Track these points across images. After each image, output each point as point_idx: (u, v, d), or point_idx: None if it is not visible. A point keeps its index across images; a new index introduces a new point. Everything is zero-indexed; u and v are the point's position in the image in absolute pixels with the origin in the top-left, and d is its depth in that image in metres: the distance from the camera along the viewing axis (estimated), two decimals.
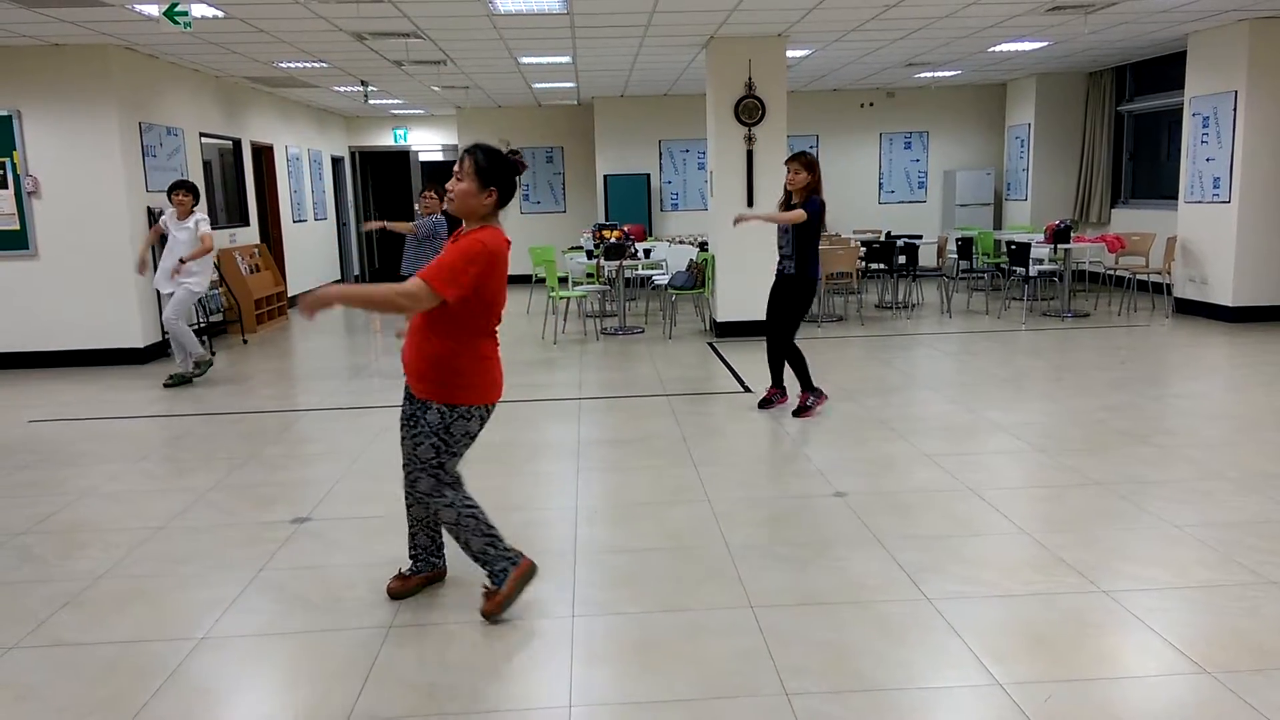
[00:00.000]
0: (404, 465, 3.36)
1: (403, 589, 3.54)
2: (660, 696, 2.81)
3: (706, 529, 4.17)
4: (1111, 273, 11.51)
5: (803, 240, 5.88)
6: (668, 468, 5.11)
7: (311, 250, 13.81)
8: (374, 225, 8.21)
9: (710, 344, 9.07)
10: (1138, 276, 10.71)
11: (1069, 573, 3.59)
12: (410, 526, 3.56)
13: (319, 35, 8.11)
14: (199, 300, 9.27)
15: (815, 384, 6.21)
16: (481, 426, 3.30)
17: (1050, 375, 7.17)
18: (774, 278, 6.14)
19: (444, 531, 3.55)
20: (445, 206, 3.24)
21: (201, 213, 7.56)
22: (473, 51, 9.27)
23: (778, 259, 6.09)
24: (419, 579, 3.58)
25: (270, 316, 11.12)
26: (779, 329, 6.12)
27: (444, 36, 8.42)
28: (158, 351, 8.98)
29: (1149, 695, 2.76)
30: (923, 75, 12.38)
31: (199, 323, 9.59)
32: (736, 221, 6.13)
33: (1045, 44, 10.01)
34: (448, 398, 3.20)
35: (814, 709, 2.71)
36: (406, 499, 3.49)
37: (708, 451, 5.40)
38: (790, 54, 9.83)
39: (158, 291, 7.97)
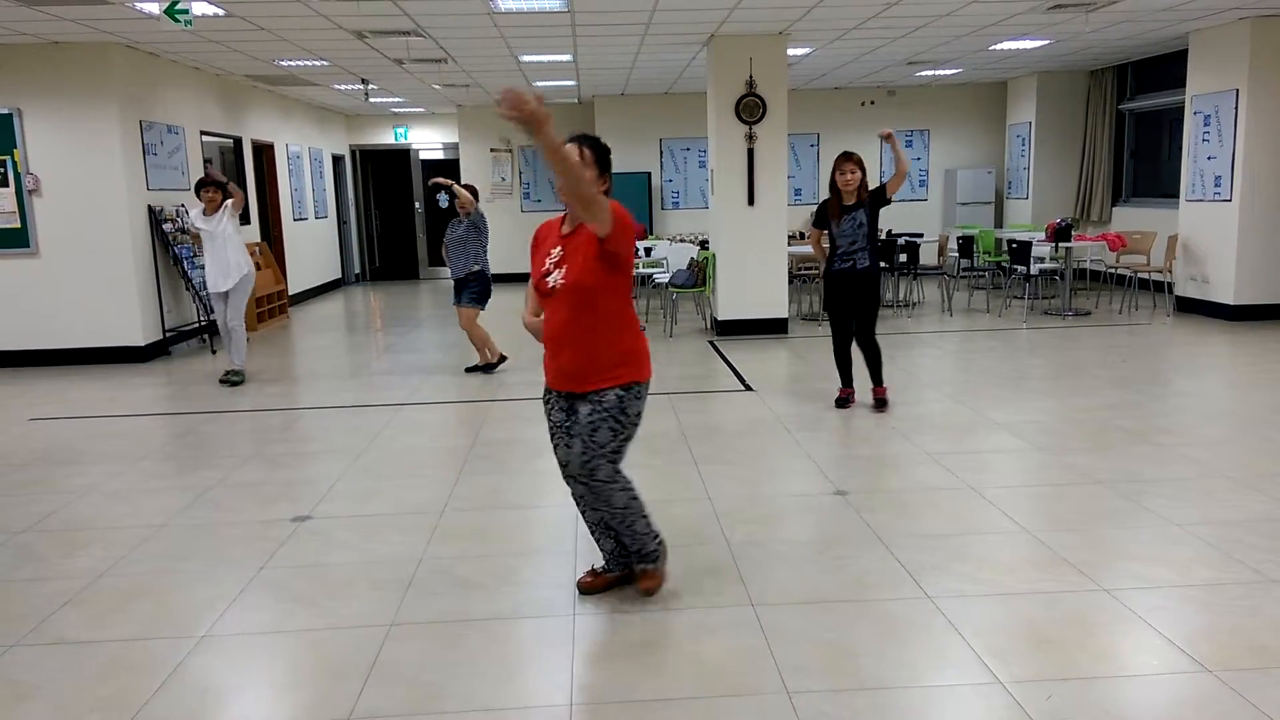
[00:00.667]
0: (573, 463, 3.26)
1: (593, 585, 3.51)
2: (661, 695, 2.81)
3: (707, 527, 4.17)
4: (1113, 271, 11.51)
5: (873, 233, 5.97)
6: (669, 466, 5.11)
7: (312, 248, 13.82)
8: (442, 181, 7.62)
9: (711, 342, 9.07)
10: (1139, 275, 10.70)
11: (1070, 571, 3.59)
12: (592, 531, 3.52)
13: (320, 33, 8.11)
14: (201, 299, 9.30)
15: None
16: (645, 405, 3.35)
17: (1051, 374, 7.17)
18: (836, 275, 6.05)
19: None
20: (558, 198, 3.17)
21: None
22: (473, 50, 9.26)
23: (838, 255, 6.00)
24: (610, 577, 3.54)
25: (271, 315, 11.12)
26: (870, 324, 6.15)
27: (445, 35, 8.42)
28: (159, 350, 8.98)
29: (1150, 694, 2.76)
30: (924, 73, 12.37)
31: (200, 320, 9.59)
32: (885, 136, 5.94)
33: (1046, 42, 10.00)
34: (622, 378, 3.23)
35: (815, 708, 2.71)
36: (579, 504, 3.45)
37: (709, 450, 5.40)
38: (791, 52, 9.82)
39: (203, 293, 7.76)
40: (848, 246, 5.99)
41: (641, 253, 10.32)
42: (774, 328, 9.35)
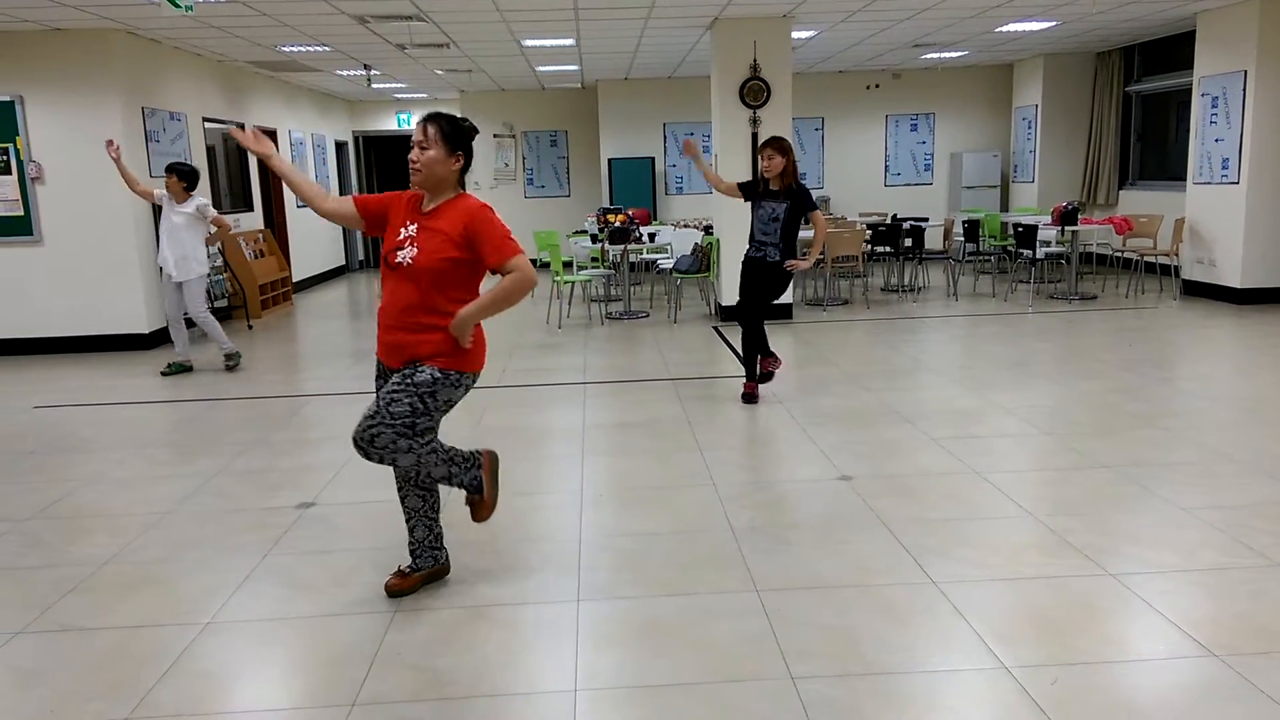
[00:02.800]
0: (363, 424, 3.13)
1: (401, 586, 3.42)
2: (665, 680, 2.81)
3: (711, 513, 4.17)
4: (1119, 255, 11.45)
5: (790, 230, 5.83)
6: (672, 452, 5.10)
7: (316, 235, 13.80)
8: None
9: (715, 328, 9.05)
10: (1145, 258, 10.65)
11: (1075, 556, 3.58)
12: (407, 520, 3.46)
13: (322, 18, 8.07)
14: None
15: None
16: (464, 395, 3.28)
17: (1057, 358, 7.14)
18: (746, 262, 5.98)
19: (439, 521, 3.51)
20: (413, 180, 3.18)
21: (201, 197, 7.44)
22: (476, 34, 9.21)
23: (753, 241, 5.93)
24: (419, 576, 3.46)
25: (275, 302, 11.11)
26: (760, 307, 6.01)
27: (447, 19, 8.37)
28: (162, 337, 8.97)
29: (1155, 678, 2.75)
30: (929, 56, 12.29)
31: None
32: (790, 267, 5.86)
33: (1053, 24, 9.92)
34: (446, 363, 3.16)
35: (819, 692, 2.71)
36: (400, 492, 3.43)
37: (713, 435, 5.39)
38: (796, 35, 9.75)
39: (159, 268, 7.58)
40: (760, 235, 5.88)
41: (645, 238, 10.29)
42: (778, 313, 9.31)
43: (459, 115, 3.23)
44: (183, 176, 7.24)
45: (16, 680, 2.93)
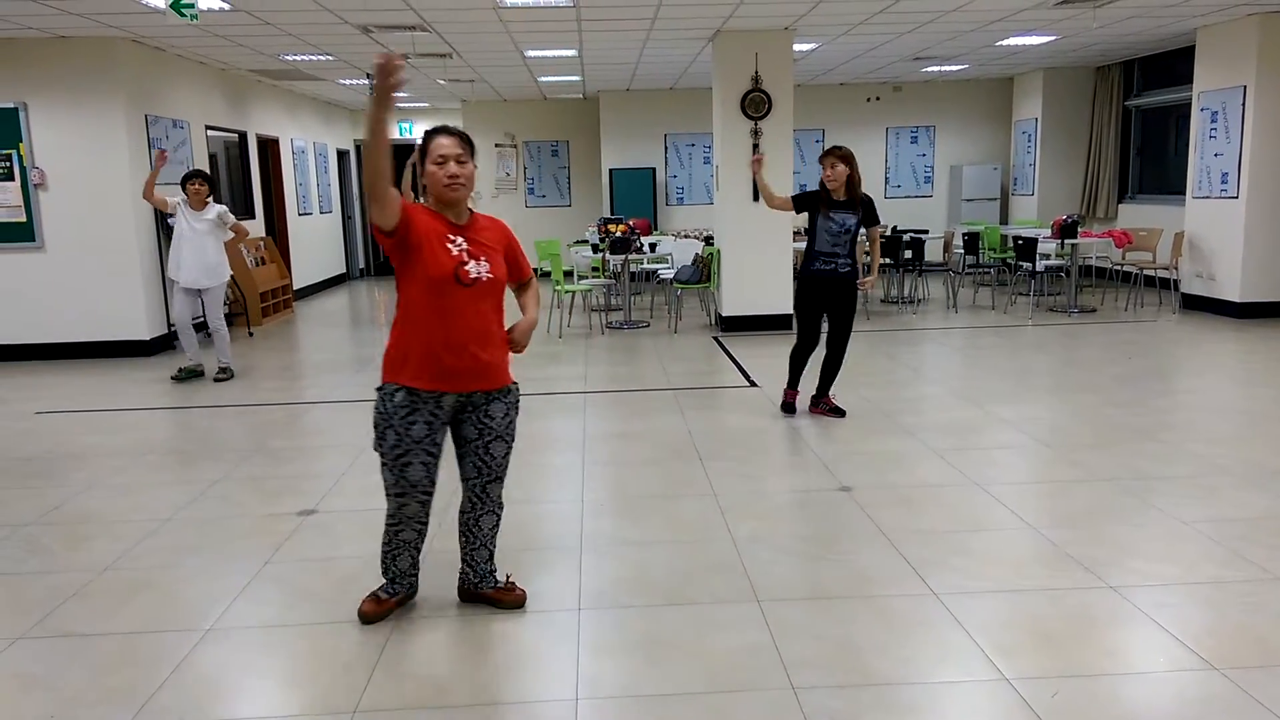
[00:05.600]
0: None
1: (378, 611, 3.28)
2: (666, 690, 2.81)
3: (712, 523, 4.17)
4: (1118, 268, 11.48)
5: (855, 245, 5.74)
6: (673, 462, 5.11)
7: (317, 243, 13.82)
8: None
9: (716, 338, 9.07)
10: (1145, 272, 10.67)
11: (1075, 568, 3.58)
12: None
13: (325, 28, 8.10)
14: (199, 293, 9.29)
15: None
16: None
17: (1056, 370, 7.15)
18: (814, 276, 5.69)
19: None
20: (453, 195, 3.14)
21: (218, 204, 7.48)
22: (479, 44, 9.25)
23: (818, 255, 5.66)
24: (393, 602, 3.33)
25: (276, 309, 11.12)
26: (847, 330, 5.82)
27: (450, 29, 8.41)
28: (164, 344, 8.99)
29: (1155, 691, 2.75)
30: (930, 69, 12.34)
31: (202, 315, 9.59)
32: (863, 286, 5.80)
33: (1053, 38, 9.97)
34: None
35: (820, 703, 2.71)
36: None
37: (713, 446, 5.39)
38: (797, 48, 9.80)
39: (171, 280, 7.51)
40: (829, 248, 5.64)
41: (646, 248, 10.31)
42: (779, 324, 9.34)
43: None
44: (208, 183, 7.30)
45: (16, 686, 2.93)
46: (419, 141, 3.16)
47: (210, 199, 7.36)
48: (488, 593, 3.38)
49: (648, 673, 2.91)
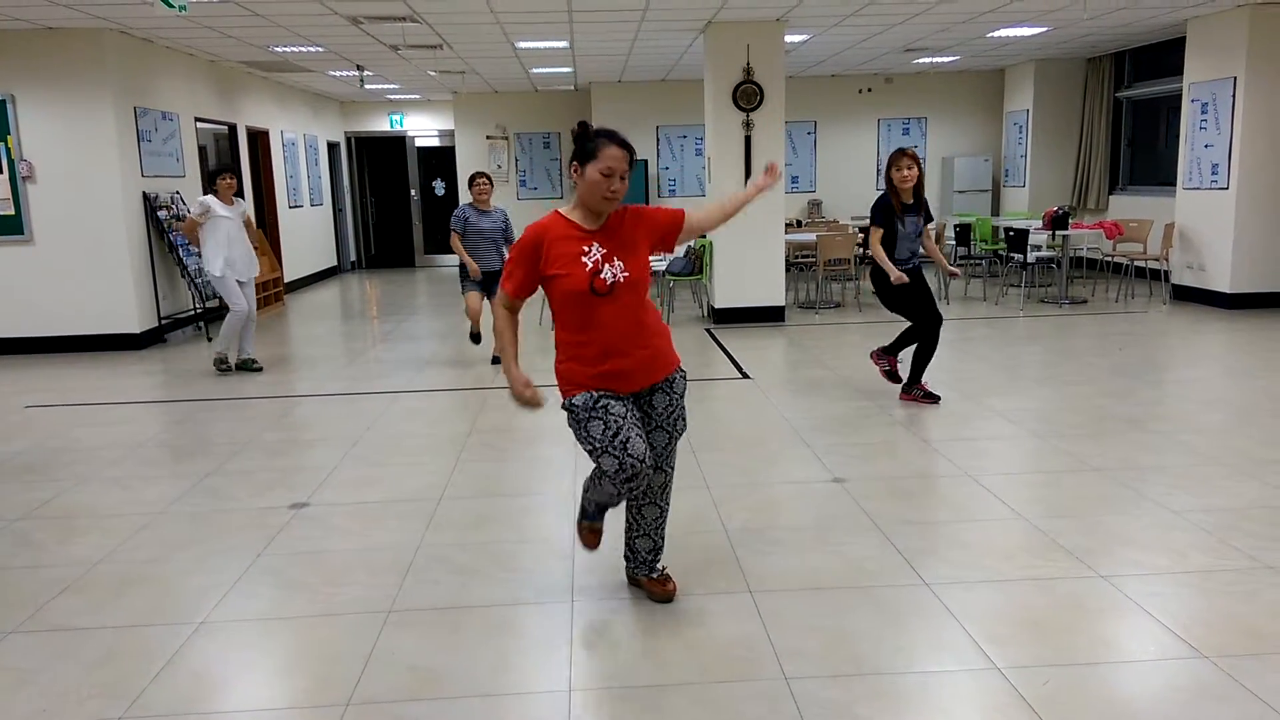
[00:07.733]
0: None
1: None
2: (659, 681, 2.82)
3: (705, 514, 4.18)
4: (1109, 259, 11.51)
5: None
6: None
7: (308, 236, 13.77)
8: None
9: (708, 330, 9.07)
10: (1135, 263, 10.71)
11: (1066, 557, 3.60)
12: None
13: (315, 19, 8.06)
14: (197, 286, 9.28)
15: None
16: None
17: (1048, 361, 7.18)
18: (907, 273, 5.81)
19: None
20: (608, 208, 3.21)
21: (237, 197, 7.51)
22: (469, 36, 9.22)
23: (900, 262, 5.81)
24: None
25: (267, 302, 11.09)
26: (939, 317, 6.01)
27: (440, 21, 8.38)
28: (154, 337, 8.95)
29: (1146, 679, 2.77)
30: (921, 61, 12.34)
31: (196, 308, 9.57)
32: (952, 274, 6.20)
33: (1044, 30, 9.97)
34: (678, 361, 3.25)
35: (812, 693, 2.72)
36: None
37: (706, 437, 5.40)
38: (788, 39, 9.78)
39: (219, 277, 7.33)
40: (910, 249, 5.84)
41: None
42: (771, 316, 9.35)
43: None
44: (236, 176, 7.40)
45: (8, 681, 2.92)
46: (576, 129, 3.26)
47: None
48: (643, 580, 3.41)
49: (641, 664, 2.92)
